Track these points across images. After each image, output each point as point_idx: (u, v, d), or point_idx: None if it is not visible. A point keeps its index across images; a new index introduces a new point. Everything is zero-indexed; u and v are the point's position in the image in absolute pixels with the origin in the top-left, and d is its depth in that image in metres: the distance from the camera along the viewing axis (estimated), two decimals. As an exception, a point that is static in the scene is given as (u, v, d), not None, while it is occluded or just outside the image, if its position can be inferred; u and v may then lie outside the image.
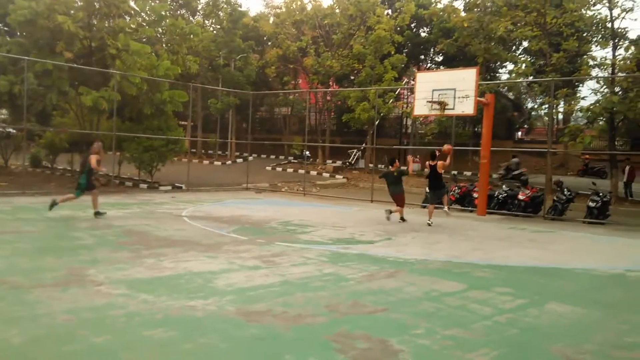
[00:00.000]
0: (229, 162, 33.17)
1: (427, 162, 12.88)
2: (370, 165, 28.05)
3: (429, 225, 12.23)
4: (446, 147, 12.98)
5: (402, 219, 12.96)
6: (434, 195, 13.01)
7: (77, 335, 4.38)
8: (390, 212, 12.89)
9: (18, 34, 18.57)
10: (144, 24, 20.73)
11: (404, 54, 31.63)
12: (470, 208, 16.13)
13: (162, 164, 19.81)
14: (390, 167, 13.34)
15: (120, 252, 7.81)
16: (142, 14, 20.97)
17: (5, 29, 23.99)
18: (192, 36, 22.58)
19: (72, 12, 17.39)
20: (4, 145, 22.10)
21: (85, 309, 5.06)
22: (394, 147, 31.97)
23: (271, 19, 35.55)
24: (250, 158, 33.00)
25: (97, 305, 5.19)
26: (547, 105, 20.20)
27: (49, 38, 17.05)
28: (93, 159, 11.11)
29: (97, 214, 11.22)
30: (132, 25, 19.59)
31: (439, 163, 12.43)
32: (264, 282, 6.46)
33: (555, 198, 15.37)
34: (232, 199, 17.16)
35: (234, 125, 36.73)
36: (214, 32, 34.79)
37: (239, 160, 34.01)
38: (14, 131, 21.75)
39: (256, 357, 4.18)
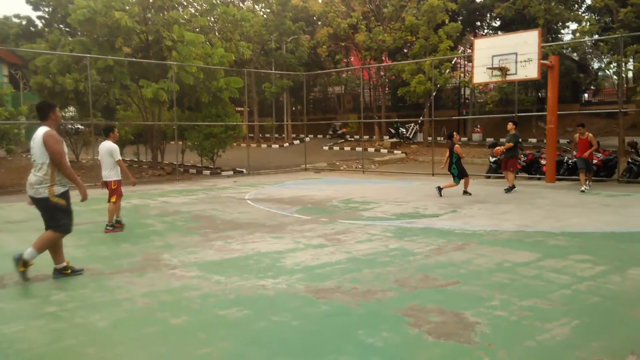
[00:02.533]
0: (286, 144, 33.45)
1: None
2: (429, 138, 27.49)
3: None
4: (497, 149, 13.36)
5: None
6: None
7: (156, 317, 4.55)
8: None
9: (79, 33, 19.32)
10: (197, 14, 21.06)
11: (459, 22, 30.55)
12: (538, 176, 15.52)
13: (222, 150, 20.25)
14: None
15: (190, 236, 8.05)
16: (195, 4, 21.32)
17: (67, 29, 25.08)
18: (243, 22, 22.74)
19: (127, 7, 17.90)
20: (74, 141, 23.24)
21: (162, 292, 5.25)
22: (453, 118, 31.16)
23: (320, -2, 35.22)
24: (307, 139, 33.14)
25: (173, 287, 5.37)
26: (615, 65, 19.00)
27: (107, 35, 17.66)
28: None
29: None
30: (185, 16, 19.95)
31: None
32: (331, 259, 6.47)
33: (630, 160, 14.53)
34: (292, 180, 17.31)
35: (289, 108, 36.93)
36: (264, 16, 34.90)
37: (296, 142, 34.23)
38: (82, 127, 22.79)
39: (329, 333, 4.18)
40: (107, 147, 8.66)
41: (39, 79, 17.90)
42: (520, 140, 13.22)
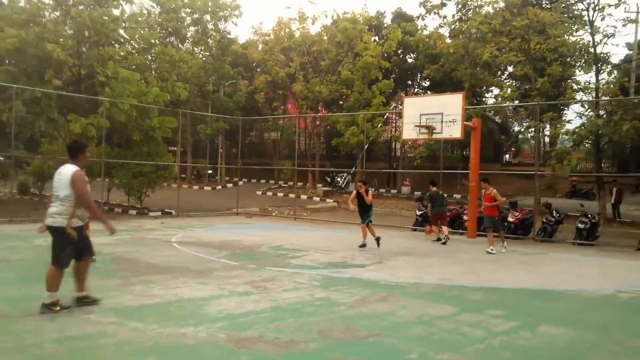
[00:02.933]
0: (219, 187, 33.10)
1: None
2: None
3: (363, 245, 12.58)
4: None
5: (440, 239, 13.92)
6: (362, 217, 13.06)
7: (65, 365, 4.31)
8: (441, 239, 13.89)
9: (7, 61, 18.59)
10: (134, 52, 20.84)
11: (392, 80, 32.06)
12: (460, 231, 16.18)
13: (151, 189, 19.73)
14: (432, 187, 14.56)
15: (109, 279, 7.72)
16: (132, 41, 21.11)
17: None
18: (181, 63, 22.72)
19: (61, 40, 17.47)
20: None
21: (74, 338, 4.98)
22: (384, 170, 32.13)
23: (260, 46, 35.93)
24: (241, 183, 32.96)
25: (87, 333, 5.11)
26: (533, 129, 20.48)
27: (38, 66, 17.09)
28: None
29: None
30: (121, 53, 19.69)
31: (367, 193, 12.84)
32: (255, 307, 6.40)
33: (544, 220, 15.48)
34: (223, 224, 17.09)
35: (224, 151, 36.78)
36: (203, 59, 35.08)
37: (229, 185, 33.97)
38: (2, 159, 21.59)
39: (248, 384, 4.12)
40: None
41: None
42: (434, 197, 14.51)
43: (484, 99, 33.55)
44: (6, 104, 16.32)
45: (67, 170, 5.96)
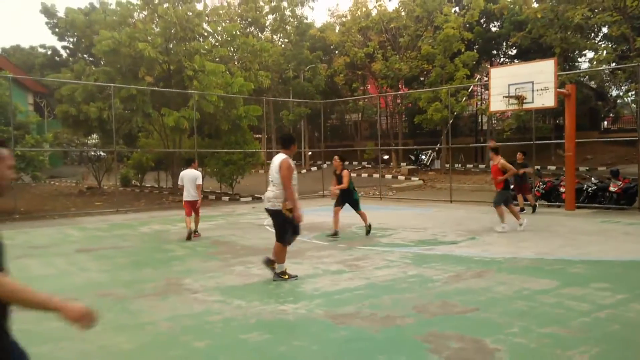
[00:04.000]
0: (304, 170, 33.67)
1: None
2: (447, 165, 27.51)
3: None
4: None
5: (523, 209, 13.58)
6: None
7: (180, 340, 4.64)
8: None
9: (103, 62, 19.94)
10: (218, 45, 21.59)
11: (475, 51, 30.85)
12: (557, 203, 15.43)
13: (241, 176, 20.49)
14: (520, 156, 14.03)
15: (210, 261, 8.18)
16: (215, 35, 21.88)
17: (91, 59, 25.85)
18: (262, 52, 23.25)
19: (150, 38, 18.46)
20: (97, 167, 23.72)
21: (184, 316, 5.35)
22: (471, 145, 31.17)
23: (337, 28, 35.89)
24: (324, 166, 33.34)
25: (195, 312, 5.47)
26: (633, 92, 18.96)
27: (131, 64, 18.19)
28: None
29: None
30: (206, 47, 20.47)
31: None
32: (349, 285, 6.52)
33: (650, 188, 14.38)
34: (310, 207, 17.41)
35: (307, 135, 37.29)
36: (283, 46, 35.59)
37: (313, 168, 34.45)
38: (105, 154, 23.29)
39: (348, 357, 4.23)
40: (193, 174, 10.71)
41: (64, 108, 18.42)
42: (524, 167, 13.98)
43: (576, 63, 31.47)
44: (106, 103, 17.54)
45: (277, 158, 6.69)
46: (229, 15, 32.11)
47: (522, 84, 13.91)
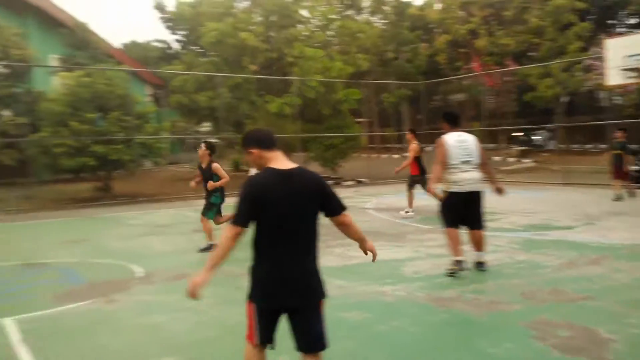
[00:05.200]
0: (406, 153, 33.23)
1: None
2: (562, 146, 25.83)
3: None
4: None
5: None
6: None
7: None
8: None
9: (210, 53, 20.97)
10: (316, 30, 21.85)
11: (590, 22, 28.44)
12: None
13: (343, 160, 20.71)
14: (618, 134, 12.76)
15: (312, 243, 8.38)
16: (313, 20, 22.15)
17: (200, 50, 27.28)
18: (360, 34, 23.16)
19: (252, 28, 19.10)
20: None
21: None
22: (588, 123, 28.94)
23: (437, 6, 34.74)
24: (428, 149, 32.66)
25: (298, 290, 5.68)
26: None
27: (235, 54, 18.96)
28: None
29: None
30: (305, 33, 20.79)
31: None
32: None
33: None
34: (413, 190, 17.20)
35: (409, 117, 36.71)
36: (381, 27, 35.16)
37: (416, 151, 33.87)
38: (217, 140, 24.60)
39: (448, 340, 4.19)
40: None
41: (177, 98, 19.67)
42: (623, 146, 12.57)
43: None
44: (214, 92, 18.48)
45: (469, 137, 6.28)
46: (327, -1, 32.29)
47: (645, 54, 12.69)
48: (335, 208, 2.91)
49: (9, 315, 5.05)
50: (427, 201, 13.54)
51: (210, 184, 7.90)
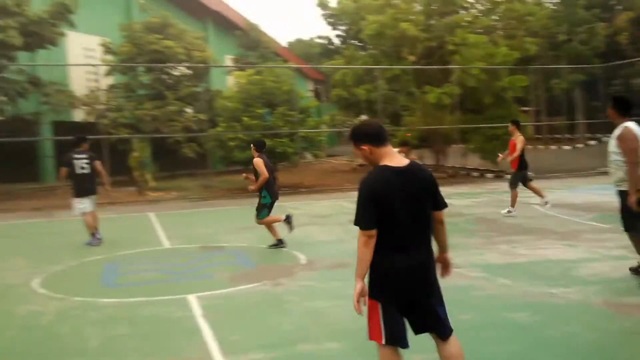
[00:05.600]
0: (580, 145, 30.39)
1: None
2: None
3: None
4: None
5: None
6: None
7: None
8: None
9: (369, 46, 21.21)
10: (479, 15, 20.91)
11: None
12: None
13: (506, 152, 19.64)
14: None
15: (473, 238, 8.11)
16: (477, 5, 21.21)
17: (359, 44, 27.75)
18: (529, 17, 21.61)
19: (412, 17, 18.89)
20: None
21: (448, 288, 5.39)
22: None
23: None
24: (605, 139, 29.50)
25: (459, 285, 5.52)
26: None
27: (394, 45, 18.94)
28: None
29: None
30: (467, 19, 19.99)
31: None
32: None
33: None
34: (586, 185, 15.72)
35: (582, 104, 33.45)
36: (552, 7, 32.40)
37: (591, 142, 30.80)
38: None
39: (630, 351, 3.76)
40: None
41: (337, 92, 20.27)
42: None
43: None
44: (372, 84, 18.69)
45: (617, 129, 5.24)
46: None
47: None
48: (440, 203, 2.94)
49: (193, 292, 5.67)
50: (604, 197, 12.27)
51: (249, 188, 7.97)
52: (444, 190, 3.02)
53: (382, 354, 2.84)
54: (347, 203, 13.22)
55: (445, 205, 2.97)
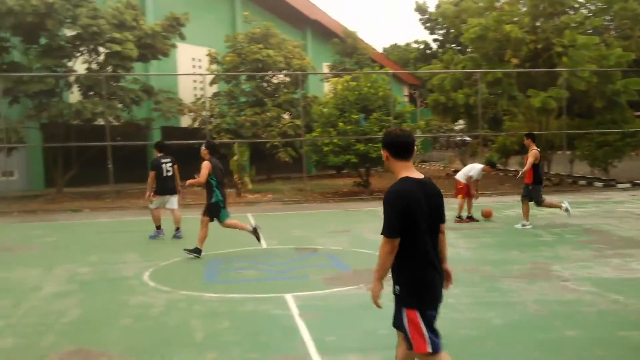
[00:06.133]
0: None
1: None
2: None
3: None
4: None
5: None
6: None
7: (549, 325, 4.52)
8: None
9: (469, 50, 20.61)
10: (590, 15, 19.64)
11: None
12: None
13: (618, 159, 18.25)
14: None
15: (581, 250, 7.61)
16: (588, 5, 19.95)
17: (458, 48, 27.07)
18: (647, 15, 19.92)
19: (517, 19, 18.12)
20: (462, 151, 24.84)
21: (554, 302, 5.16)
22: None
23: None
24: None
25: (565, 299, 5.22)
26: None
27: (497, 48, 18.26)
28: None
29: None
30: (577, 19, 18.84)
31: None
32: None
33: None
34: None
35: None
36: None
37: None
38: (469, 139, 24.18)
39: None
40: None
41: (435, 96, 19.88)
42: None
43: None
44: (472, 89, 18.14)
45: None
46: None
47: None
48: (443, 216, 3.09)
49: (289, 291, 5.81)
50: None
51: (189, 181, 8.02)
52: (549, 199, 2.88)
53: None
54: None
55: (445, 220, 3.12)
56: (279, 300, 5.51)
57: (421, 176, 2.97)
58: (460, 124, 25.48)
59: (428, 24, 31.55)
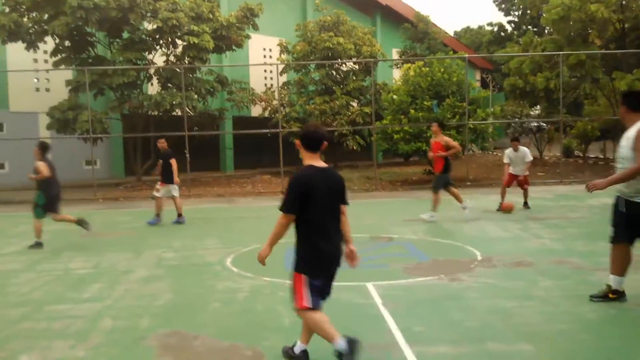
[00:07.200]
0: None
1: None
2: None
3: None
4: None
5: None
6: None
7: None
8: None
9: (547, 31, 19.64)
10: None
11: None
12: None
13: None
14: None
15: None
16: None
17: (534, 29, 25.87)
18: None
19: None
20: (539, 138, 23.80)
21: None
22: None
23: None
24: None
25: None
26: None
27: (580, 29, 17.31)
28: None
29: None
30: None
31: None
32: None
33: None
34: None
35: None
36: None
37: None
38: (545, 125, 23.10)
39: None
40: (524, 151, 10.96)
41: (512, 81, 19.16)
42: None
43: None
44: (553, 72, 17.31)
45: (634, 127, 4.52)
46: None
47: None
48: (345, 200, 3.62)
49: (370, 280, 5.79)
50: None
51: (30, 176, 8.20)
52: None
53: (308, 316, 3.50)
54: (517, 198, 12.41)
55: (347, 202, 3.63)
56: (361, 288, 5.52)
57: (324, 165, 3.49)
58: (537, 109, 24.41)
59: (503, 5, 30.32)
